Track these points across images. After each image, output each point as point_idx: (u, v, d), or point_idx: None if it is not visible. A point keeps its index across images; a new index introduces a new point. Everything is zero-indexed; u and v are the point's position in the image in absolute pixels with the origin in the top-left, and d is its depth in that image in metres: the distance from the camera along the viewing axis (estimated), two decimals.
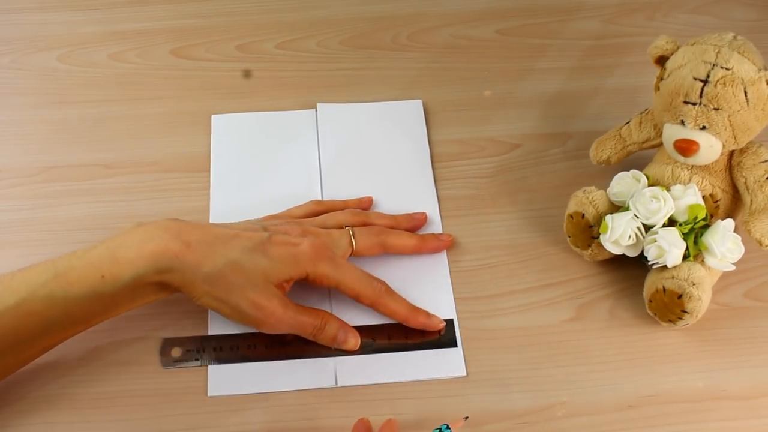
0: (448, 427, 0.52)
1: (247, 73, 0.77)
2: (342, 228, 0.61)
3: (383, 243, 0.61)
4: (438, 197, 0.67)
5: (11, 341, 0.52)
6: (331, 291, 0.60)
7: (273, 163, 0.69)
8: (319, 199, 0.66)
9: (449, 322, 0.60)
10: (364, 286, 0.58)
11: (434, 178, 0.69)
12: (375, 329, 0.59)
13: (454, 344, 0.58)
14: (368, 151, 0.70)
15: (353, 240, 0.60)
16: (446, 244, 0.64)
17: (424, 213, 0.65)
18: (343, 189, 0.67)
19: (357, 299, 0.59)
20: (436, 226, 0.65)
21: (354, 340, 0.58)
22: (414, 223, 0.65)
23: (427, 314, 0.59)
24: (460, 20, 0.82)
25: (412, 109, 0.74)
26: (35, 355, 0.54)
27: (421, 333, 0.59)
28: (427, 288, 0.62)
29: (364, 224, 0.62)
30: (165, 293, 0.55)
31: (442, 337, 0.59)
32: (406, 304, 0.59)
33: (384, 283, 0.59)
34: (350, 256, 0.60)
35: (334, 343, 0.58)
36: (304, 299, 0.58)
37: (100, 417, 0.55)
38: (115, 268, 0.52)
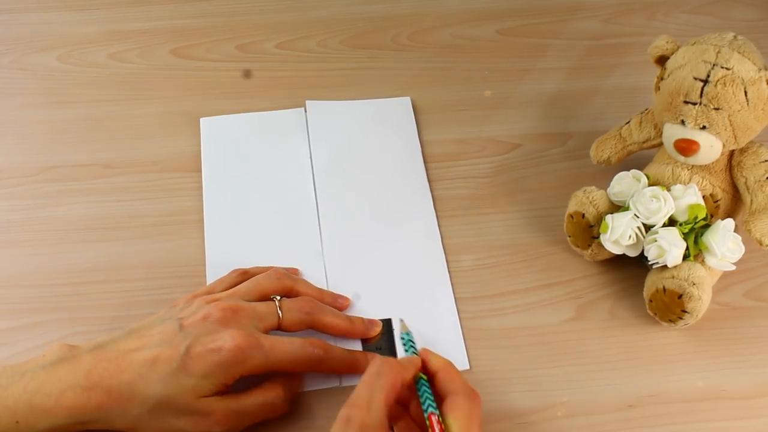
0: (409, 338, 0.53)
1: (247, 73, 0.77)
2: (267, 299, 0.57)
3: (312, 321, 0.57)
4: (432, 194, 0.67)
5: None
6: None
7: (265, 162, 0.69)
8: (244, 268, 0.60)
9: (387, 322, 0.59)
10: (300, 360, 0.54)
11: (427, 175, 0.69)
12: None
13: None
14: (359, 148, 0.70)
15: (280, 314, 0.55)
16: (374, 329, 0.59)
17: (348, 299, 0.61)
18: (335, 185, 0.67)
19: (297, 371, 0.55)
20: (432, 224, 0.65)
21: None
22: (337, 303, 0.60)
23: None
24: (460, 20, 0.82)
25: (401, 106, 0.74)
26: None
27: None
28: (428, 288, 0.61)
29: (291, 291, 0.59)
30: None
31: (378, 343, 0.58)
32: (348, 357, 0.56)
33: (319, 344, 0.54)
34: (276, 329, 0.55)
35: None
36: None
37: None
38: (31, 416, 0.48)
